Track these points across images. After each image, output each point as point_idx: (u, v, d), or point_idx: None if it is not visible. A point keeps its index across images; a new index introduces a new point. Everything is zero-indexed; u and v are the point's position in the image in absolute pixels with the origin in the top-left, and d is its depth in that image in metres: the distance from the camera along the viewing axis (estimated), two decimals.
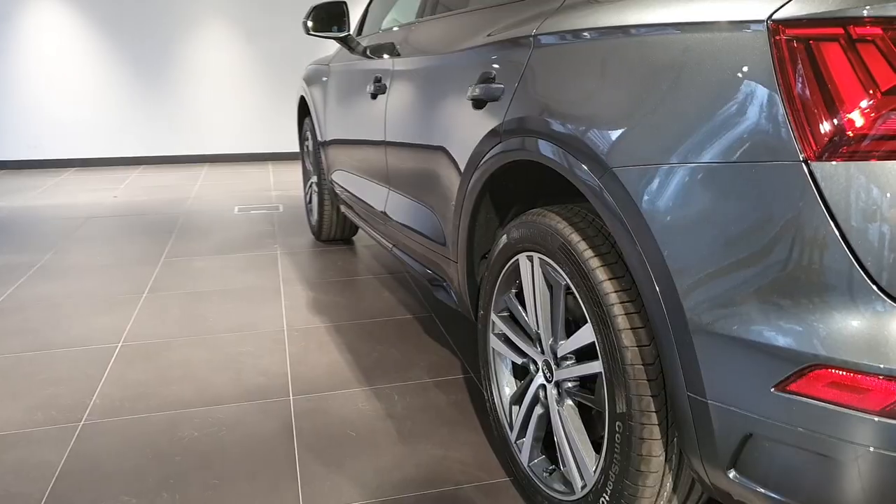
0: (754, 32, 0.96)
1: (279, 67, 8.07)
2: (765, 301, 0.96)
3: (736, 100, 0.98)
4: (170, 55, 7.74)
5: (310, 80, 3.82)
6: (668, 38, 1.10)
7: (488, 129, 1.61)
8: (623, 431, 1.23)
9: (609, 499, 1.29)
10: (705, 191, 1.02)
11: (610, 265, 1.27)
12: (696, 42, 1.05)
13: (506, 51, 1.59)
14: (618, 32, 1.19)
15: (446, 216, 1.95)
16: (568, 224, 1.37)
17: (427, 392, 2.22)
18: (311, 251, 4.01)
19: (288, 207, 5.31)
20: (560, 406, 1.47)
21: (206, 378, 2.33)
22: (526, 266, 1.54)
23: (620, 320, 1.22)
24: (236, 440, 1.94)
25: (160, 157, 7.92)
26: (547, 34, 1.42)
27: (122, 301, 3.11)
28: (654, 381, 1.19)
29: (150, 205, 5.47)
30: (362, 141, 2.80)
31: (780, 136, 0.93)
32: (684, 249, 1.04)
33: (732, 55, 0.99)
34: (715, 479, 1.09)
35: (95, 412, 2.10)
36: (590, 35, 1.27)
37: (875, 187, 0.87)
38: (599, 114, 1.21)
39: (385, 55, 2.55)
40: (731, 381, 1.00)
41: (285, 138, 8.21)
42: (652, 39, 1.12)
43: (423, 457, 1.85)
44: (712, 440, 1.06)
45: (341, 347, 2.58)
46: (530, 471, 1.60)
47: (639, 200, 1.10)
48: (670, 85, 1.08)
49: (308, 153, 4.19)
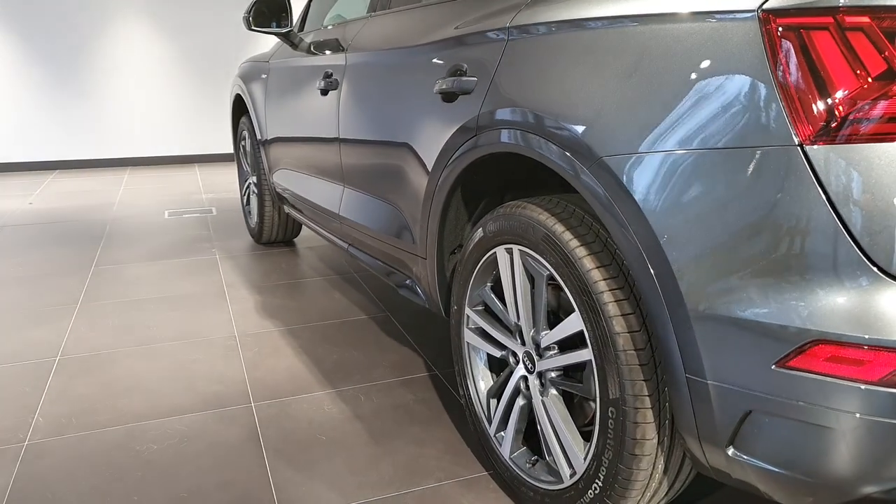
0: (745, 21, 0.99)
1: (203, 65, 7.81)
2: (763, 281, 0.99)
3: (729, 87, 1.01)
4: (84, 53, 7.35)
5: (247, 77, 3.70)
6: (657, 27, 1.12)
7: (461, 123, 1.60)
8: (616, 416, 1.25)
9: (602, 484, 1.31)
10: (700, 176, 1.05)
11: (596, 254, 1.28)
12: (686, 31, 1.07)
13: (478, 44, 1.59)
14: (605, 23, 1.21)
15: (413, 212, 1.92)
16: (551, 215, 1.37)
17: (393, 391, 2.20)
18: (252, 254, 3.89)
19: (221, 210, 5.15)
20: (544, 396, 1.48)
21: (158, 389, 2.22)
22: (504, 259, 1.54)
23: (611, 307, 1.23)
24: (200, 450, 1.86)
25: (76, 161, 7.52)
26: (523, 26, 1.42)
27: (53, 313, 2.93)
28: (647, 366, 1.21)
29: (72, 211, 5.18)
30: (311, 138, 2.74)
31: (775, 121, 0.96)
32: (681, 234, 1.06)
33: (724, 44, 1.02)
34: (712, 458, 1.12)
35: (39, 431, 1.96)
36: (573, 26, 1.28)
37: (866, 168, 0.92)
38: (586, 104, 1.22)
39: (335, 51, 2.50)
40: (732, 360, 1.03)
41: (212, 139, 7.96)
42: (641, 29, 1.14)
43: (398, 456, 1.83)
44: (711, 419, 1.08)
45: (298, 351, 2.52)
46: (512, 463, 1.60)
47: (631, 188, 1.12)
48: (661, 74, 1.10)
49: (245, 153, 4.06)
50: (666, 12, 1.11)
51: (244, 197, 4.27)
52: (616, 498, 1.29)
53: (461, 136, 1.61)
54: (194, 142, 7.91)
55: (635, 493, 1.28)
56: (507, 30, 1.48)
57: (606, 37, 1.21)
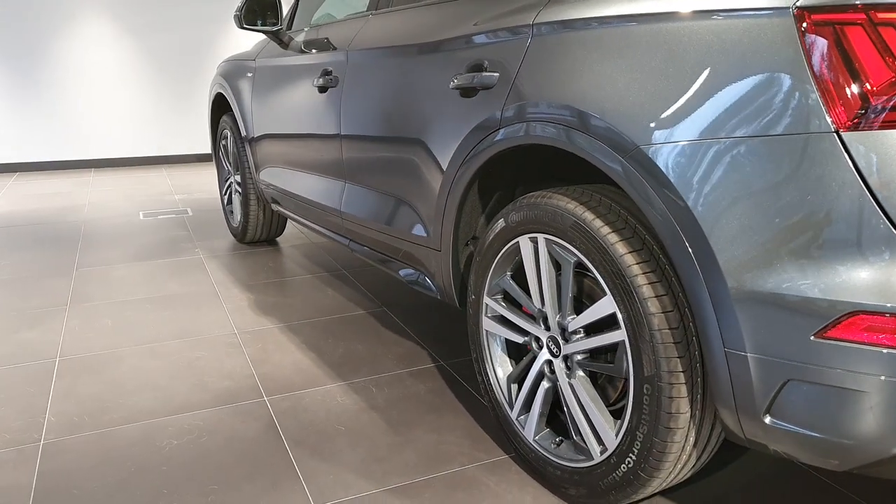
0: (780, 18, 1.07)
1: (168, 65, 7.68)
2: (802, 258, 1.07)
3: (765, 80, 1.09)
4: (43, 52, 7.16)
5: (230, 75, 3.69)
6: (693, 24, 1.19)
7: (483, 118, 1.65)
8: (652, 392, 1.32)
9: (636, 457, 1.38)
10: (738, 161, 1.12)
11: (627, 239, 1.35)
12: (722, 27, 1.15)
13: (499, 40, 1.64)
14: (639, 20, 1.27)
15: (426, 206, 1.97)
16: (579, 203, 1.44)
17: (403, 382, 2.24)
18: (237, 253, 3.88)
19: (197, 211, 5.09)
20: (571, 378, 1.55)
21: (167, 386, 2.22)
22: (528, 247, 1.60)
23: (645, 289, 1.30)
24: (221, 444, 1.87)
25: (38, 164, 7.33)
26: (549, 23, 1.48)
27: (43, 315, 2.88)
28: (680, 343, 1.28)
29: (43, 214, 5.06)
30: (306, 136, 2.76)
31: (811, 110, 1.04)
32: (720, 217, 1.14)
33: (760, 39, 1.10)
34: (748, 428, 1.20)
35: (53, 430, 1.95)
36: (604, 23, 1.35)
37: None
38: (622, 97, 1.29)
39: (333, 49, 2.52)
40: (771, 333, 1.11)
41: (178, 140, 7.85)
42: (676, 26, 1.21)
43: (419, 443, 1.87)
44: (749, 390, 1.16)
45: (301, 346, 2.53)
46: (537, 444, 1.66)
47: (670, 175, 1.19)
48: (697, 67, 1.18)
49: (227, 152, 4.04)
50: (702, 9, 1.18)
51: (225, 196, 4.25)
52: (650, 470, 1.37)
53: (482, 130, 1.67)
54: (160, 143, 7.77)
55: (668, 465, 1.36)
56: (530, 27, 1.54)
57: (640, 33, 1.28)
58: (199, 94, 7.84)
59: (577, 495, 1.56)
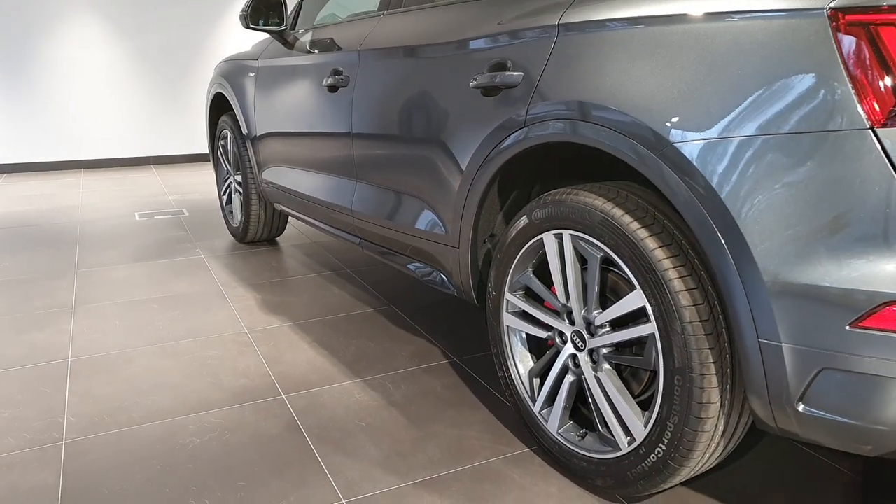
0: (815, 19, 1.11)
1: (157, 65, 7.63)
2: (838, 250, 1.11)
3: (799, 78, 1.13)
4: (31, 52, 7.09)
5: (231, 75, 3.68)
6: (725, 24, 1.22)
7: (506, 116, 1.68)
8: (683, 384, 1.35)
9: (666, 447, 1.41)
10: (773, 157, 1.16)
11: (657, 234, 1.38)
12: (756, 28, 1.18)
13: (523, 40, 1.67)
14: (673, 20, 1.31)
15: (445, 204, 1.99)
16: (607, 200, 1.47)
17: (418, 379, 2.26)
18: (238, 253, 3.87)
19: (193, 211, 5.07)
20: (598, 371, 1.58)
21: (183, 385, 2.22)
22: (552, 243, 1.63)
23: (676, 283, 1.34)
24: (245, 442, 1.88)
25: (27, 165, 7.25)
26: (576, 23, 1.51)
27: (49, 316, 2.87)
28: (711, 335, 1.32)
29: (36, 215, 5.02)
30: (314, 135, 2.77)
31: (847, 108, 1.08)
32: (756, 213, 1.17)
33: (794, 39, 1.13)
34: (780, 416, 1.24)
35: (74, 430, 1.94)
36: (634, 23, 1.38)
37: None
38: (654, 95, 1.32)
39: (344, 48, 2.54)
40: (807, 323, 1.15)
41: (168, 141, 7.80)
42: (711, 27, 1.25)
43: (441, 438, 1.89)
44: (783, 379, 1.20)
45: (313, 344, 2.55)
46: (561, 437, 1.69)
47: (704, 170, 1.23)
48: (730, 67, 1.21)
49: (225, 152, 4.04)
50: (734, 10, 1.21)
51: (224, 196, 4.24)
52: (680, 459, 1.40)
53: (505, 128, 1.69)
54: (150, 143, 7.73)
55: (697, 454, 1.39)
56: (556, 27, 1.57)
57: (671, 33, 1.31)
58: (190, 94, 7.80)
59: (603, 486, 1.60)
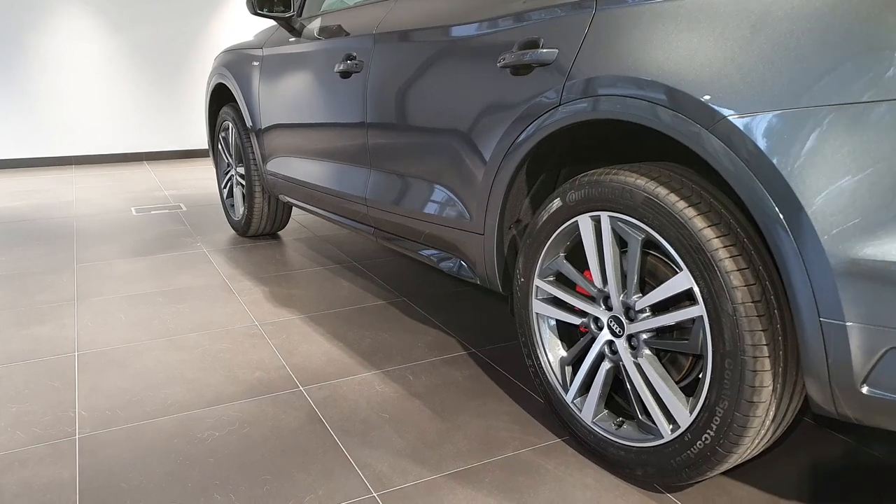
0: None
1: (150, 59, 7.52)
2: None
3: (865, 47, 1.08)
4: (20, 46, 6.96)
5: (233, 65, 3.61)
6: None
7: (540, 95, 1.63)
8: (734, 367, 1.31)
9: (714, 434, 1.36)
10: (836, 130, 1.11)
11: (705, 213, 1.34)
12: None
13: (556, 16, 1.62)
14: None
15: (469, 190, 1.94)
16: (650, 179, 1.42)
17: (438, 370, 2.20)
18: (241, 247, 3.80)
19: (191, 206, 4.99)
20: (638, 358, 1.53)
21: (197, 378, 2.15)
22: (588, 226, 1.58)
23: (727, 263, 1.29)
24: (265, 435, 1.82)
25: (16, 161, 7.12)
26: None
27: (51, 310, 2.79)
28: (764, 316, 1.27)
29: (29, 211, 4.91)
30: (326, 122, 2.71)
31: None
32: (821, 186, 1.13)
33: (857, 6, 1.09)
34: (843, 398, 1.19)
35: (87, 424, 1.87)
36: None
37: None
38: (704, 68, 1.27)
39: (357, 33, 2.48)
40: (872, 301, 1.10)
41: (161, 136, 7.69)
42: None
43: (468, 429, 1.84)
44: (846, 360, 1.15)
45: (328, 336, 2.48)
46: (597, 427, 1.64)
47: (762, 144, 1.18)
48: (784, 36, 1.17)
49: (226, 144, 3.96)
50: None
51: (225, 189, 4.16)
52: (729, 446, 1.36)
53: (538, 108, 1.64)
54: (142, 139, 7.61)
55: (747, 440, 1.35)
56: (594, 0, 1.52)
57: (723, 3, 1.26)
58: (183, 89, 7.70)
59: (644, 475, 1.55)
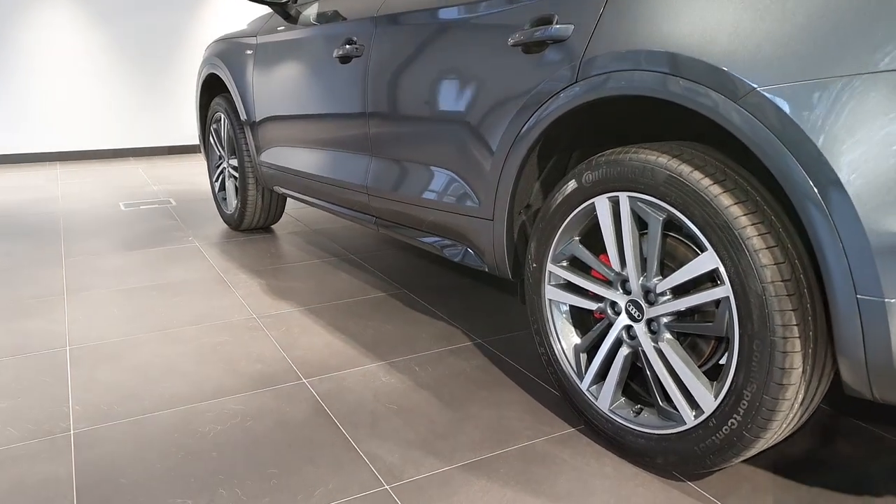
0: None
1: (134, 54, 7.40)
2: None
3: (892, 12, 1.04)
4: (3, 40, 6.81)
5: (226, 54, 3.53)
6: None
7: (555, 73, 1.58)
8: (763, 349, 1.26)
9: (741, 418, 1.32)
10: (875, 100, 1.07)
11: (731, 191, 1.29)
12: None
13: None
14: None
15: (478, 174, 1.88)
16: (672, 157, 1.38)
17: (445, 360, 2.15)
18: (234, 241, 3.72)
19: (181, 201, 4.90)
20: (659, 342, 1.48)
21: (196, 371, 2.09)
22: (605, 208, 1.54)
23: (756, 241, 1.25)
24: (270, 427, 1.76)
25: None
26: None
27: (40, 304, 2.70)
28: (794, 296, 1.23)
29: (12, 206, 4.80)
30: (325, 109, 2.64)
31: None
32: (860, 159, 1.08)
33: None
34: (880, 379, 1.15)
35: (82, 420, 1.80)
36: None
37: None
38: (732, 39, 1.23)
39: (357, 16, 2.42)
40: None
41: (149, 132, 7.57)
42: None
43: (479, 419, 1.79)
44: (885, 339, 1.11)
45: (328, 328, 2.42)
46: (614, 415, 1.59)
47: (796, 118, 1.13)
48: (815, 4, 1.12)
49: (218, 136, 3.88)
50: None
51: (217, 182, 4.08)
52: (756, 430, 1.31)
53: (553, 86, 1.59)
54: (128, 135, 7.49)
55: (776, 424, 1.30)
56: None
57: None
58: (170, 84, 7.58)
59: (664, 463, 1.50)
